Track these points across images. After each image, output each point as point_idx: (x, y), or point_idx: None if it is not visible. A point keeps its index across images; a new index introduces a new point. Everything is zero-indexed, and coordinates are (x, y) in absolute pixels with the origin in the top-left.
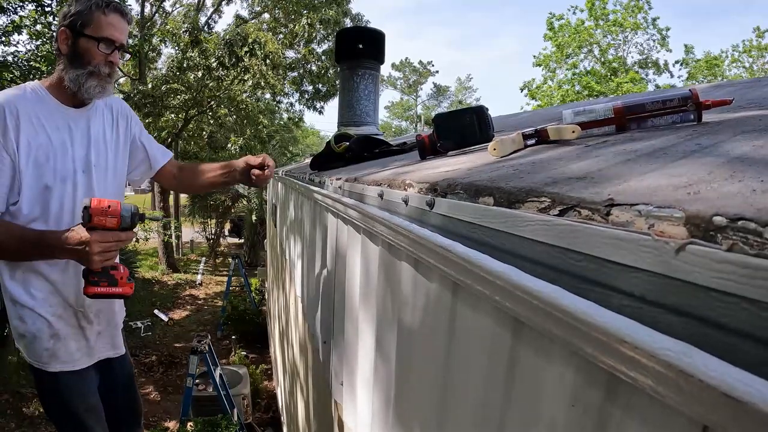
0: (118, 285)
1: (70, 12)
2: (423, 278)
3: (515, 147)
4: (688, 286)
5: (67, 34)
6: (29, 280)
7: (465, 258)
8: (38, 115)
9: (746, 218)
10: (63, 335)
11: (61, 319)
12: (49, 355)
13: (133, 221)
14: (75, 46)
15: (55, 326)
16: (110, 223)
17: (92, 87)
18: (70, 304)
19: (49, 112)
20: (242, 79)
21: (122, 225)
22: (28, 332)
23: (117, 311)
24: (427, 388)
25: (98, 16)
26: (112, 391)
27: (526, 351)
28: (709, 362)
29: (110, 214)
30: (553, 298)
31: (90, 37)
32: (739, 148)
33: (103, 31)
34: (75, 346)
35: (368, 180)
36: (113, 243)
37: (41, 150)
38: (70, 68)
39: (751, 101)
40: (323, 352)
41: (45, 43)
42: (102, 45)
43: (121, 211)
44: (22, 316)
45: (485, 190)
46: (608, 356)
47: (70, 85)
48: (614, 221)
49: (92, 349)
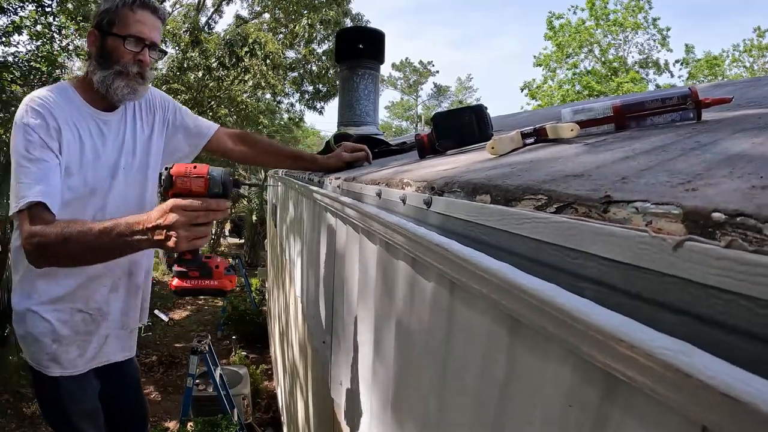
0: (212, 276)
1: (98, 11)
2: (420, 277)
3: (514, 146)
4: (686, 284)
5: (96, 35)
6: (38, 283)
7: (460, 256)
8: (73, 120)
9: (746, 214)
10: (66, 341)
11: (66, 325)
12: (50, 359)
13: (226, 187)
14: (103, 46)
15: (59, 331)
16: (197, 187)
17: (120, 88)
18: (80, 309)
19: (82, 117)
20: (242, 79)
21: (211, 189)
22: (30, 335)
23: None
24: (426, 387)
25: (126, 12)
26: (118, 397)
27: (523, 349)
28: (707, 361)
29: (196, 175)
30: (549, 296)
31: (117, 35)
32: (738, 145)
33: (131, 28)
34: (77, 352)
35: (367, 179)
36: (201, 211)
37: (74, 158)
38: (98, 69)
39: (751, 100)
40: (322, 351)
41: (45, 44)
42: (129, 42)
43: (209, 171)
44: (25, 319)
45: (482, 188)
46: (605, 355)
47: (98, 86)
48: (611, 218)
49: (98, 354)
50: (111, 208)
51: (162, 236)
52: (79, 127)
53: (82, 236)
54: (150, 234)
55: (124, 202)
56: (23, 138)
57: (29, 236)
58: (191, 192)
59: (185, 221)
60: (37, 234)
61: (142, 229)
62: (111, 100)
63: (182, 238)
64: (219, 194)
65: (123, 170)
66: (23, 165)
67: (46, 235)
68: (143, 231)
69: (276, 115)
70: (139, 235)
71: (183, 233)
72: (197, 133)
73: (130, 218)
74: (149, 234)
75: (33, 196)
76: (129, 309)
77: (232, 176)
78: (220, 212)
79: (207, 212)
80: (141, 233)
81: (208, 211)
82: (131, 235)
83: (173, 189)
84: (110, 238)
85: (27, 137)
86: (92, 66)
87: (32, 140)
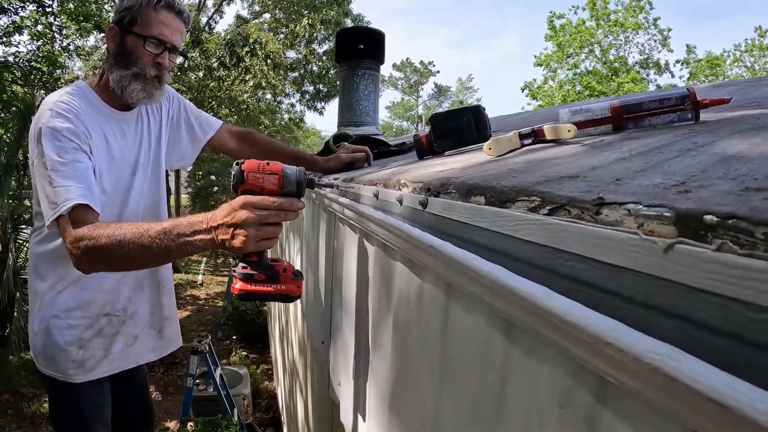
0: (279, 280)
1: (121, 7)
2: (417, 278)
3: (511, 146)
4: (677, 287)
5: (115, 31)
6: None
7: (455, 258)
8: (98, 123)
9: (738, 216)
10: (92, 345)
11: (91, 329)
12: (77, 366)
13: (300, 186)
14: (122, 44)
15: (84, 336)
16: (269, 184)
17: (136, 91)
18: (106, 312)
19: (104, 119)
20: (243, 79)
21: (284, 188)
22: (55, 344)
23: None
24: (423, 387)
25: (149, 12)
26: (126, 399)
27: (517, 352)
28: (695, 366)
29: (269, 171)
30: (540, 299)
31: (137, 34)
32: (734, 146)
33: (152, 28)
34: (102, 354)
35: (364, 180)
36: (274, 210)
37: (102, 161)
38: (116, 68)
39: (751, 100)
40: (321, 352)
41: (46, 44)
42: (149, 44)
43: (283, 169)
44: (50, 329)
45: (477, 189)
46: (595, 358)
47: (114, 86)
48: (603, 220)
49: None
50: (132, 205)
51: (228, 235)
52: (104, 130)
53: (139, 238)
54: (214, 233)
55: (142, 197)
56: (52, 142)
57: (76, 240)
58: (263, 189)
59: (256, 219)
60: (85, 237)
61: (206, 227)
62: (125, 101)
63: (251, 237)
64: (292, 193)
65: (141, 166)
66: (57, 169)
67: (96, 237)
68: (207, 230)
69: (276, 115)
70: (203, 234)
71: (252, 232)
72: (201, 128)
73: (192, 217)
74: (213, 233)
75: (76, 198)
76: (154, 307)
77: (307, 176)
78: (292, 213)
79: (279, 212)
80: (204, 232)
81: (280, 210)
82: (193, 235)
83: (244, 185)
84: (170, 238)
85: (56, 141)
86: (109, 63)
87: (63, 144)
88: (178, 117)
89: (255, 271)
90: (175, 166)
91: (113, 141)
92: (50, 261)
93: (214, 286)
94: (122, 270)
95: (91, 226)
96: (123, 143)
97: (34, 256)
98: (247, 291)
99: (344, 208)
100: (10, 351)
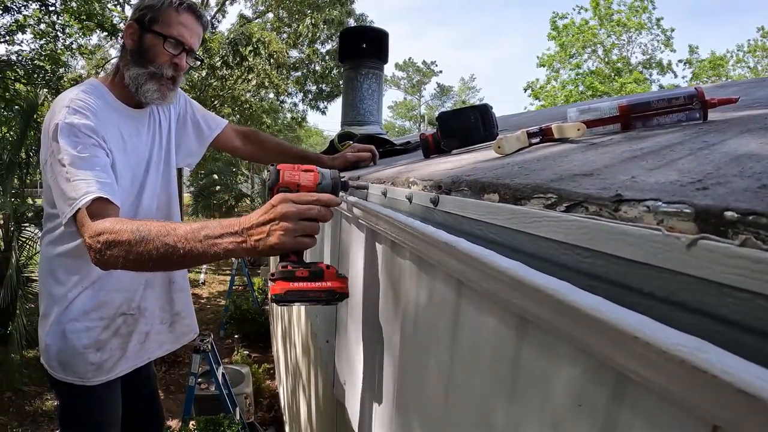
0: (324, 278)
1: (141, 5)
2: (426, 276)
3: (520, 145)
4: (700, 283)
5: (134, 28)
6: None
7: (470, 254)
8: (113, 121)
9: (758, 213)
10: (108, 346)
11: (107, 330)
12: (95, 369)
13: (335, 186)
14: (140, 42)
15: (101, 338)
16: (306, 180)
17: (151, 91)
18: (122, 312)
19: (120, 117)
20: (246, 78)
21: (322, 184)
22: (72, 348)
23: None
24: (431, 387)
25: (170, 12)
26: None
27: (531, 350)
28: (724, 358)
29: (305, 169)
30: (562, 294)
31: (158, 33)
32: (747, 145)
33: (173, 29)
34: (119, 354)
35: (371, 178)
36: (313, 204)
37: (119, 158)
38: (132, 65)
39: (756, 100)
40: (326, 351)
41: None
42: (169, 44)
43: (318, 168)
44: (65, 333)
45: (490, 186)
46: (618, 353)
47: (129, 83)
48: (622, 217)
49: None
50: (145, 203)
51: (264, 233)
52: (120, 127)
53: (165, 236)
54: (246, 234)
55: (155, 195)
56: (70, 138)
57: (96, 234)
58: (299, 187)
59: (296, 212)
60: (106, 230)
61: (236, 230)
62: (139, 99)
63: (289, 231)
64: (329, 190)
65: (154, 164)
66: (76, 163)
67: (118, 231)
68: (238, 232)
69: (279, 114)
70: (232, 237)
71: (291, 226)
72: (207, 126)
73: (223, 220)
74: (245, 234)
75: (96, 191)
76: (165, 303)
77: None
78: (330, 210)
79: (319, 206)
80: (234, 234)
81: (319, 204)
82: (221, 237)
83: (280, 183)
84: (197, 239)
85: (74, 137)
86: (125, 60)
87: (81, 139)
88: (185, 115)
89: (295, 266)
90: (182, 164)
91: (128, 138)
92: (67, 263)
93: (216, 285)
94: (142, 270)
95: (113, 219)
96: (137, 141)
97: (48, 259)
98: (289, 289)
99: (351, 206)
100: (12, 349)
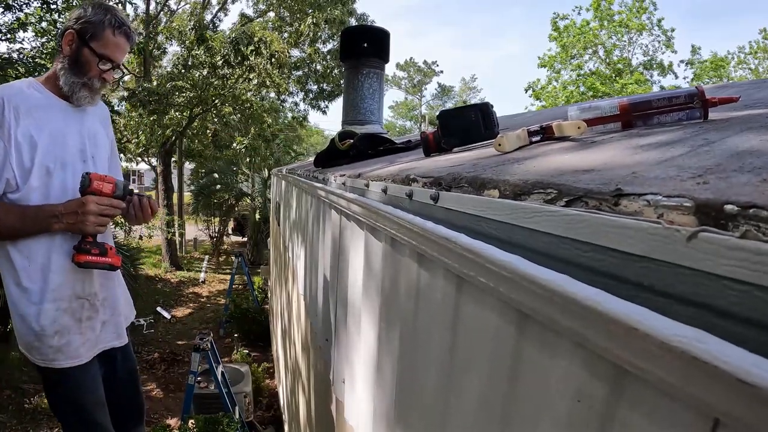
0: (107, 255)
1: (83, 17)
2: (426, 273)
3: (520, 143)
4: (699, 275)
5: (74, 38)
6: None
7: (470, 249)
8: (37, 108)
9: (758, 206)
10: (67, 330)
11: (66, 313)
12: (55, 351)
13: (126, 191)
14: (78, 54)
15: (60, 321)
16: (107, 189)
17: (83, 97)
18: (78, 296)
19: (49, 105)
20: (247, 77)
21: (117, 192)
22: (32, 330)
23: (120, 298)
24: (431, 384)
25: (108, 34)
26: (114, 386)
27: (530, 345)
28: (724, 348)
29: (107, 181)
30: (561, 287)
31: (94, 51)
32: (747, 142)
33: (108, 49)
34: (80, 340)
35: (372, 176)
36: (109, 207)
37: (42, 139)
38: (68, 72)
39: (757, 101)
40: (325, 350)
41: (50, 41)
42: (103, 63)
43: (116, 180)
44: (25, 315)
45: (490, 182)
46: (617, 345)
47: (64, 87)
48: (622, 211)
49: (97, 340)
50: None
51: (74, 220)
52: (44, 115)
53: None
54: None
55: None
56: None
57: None
58: (101, 193)
59: (97, 210)
60: None
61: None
62: (72, 102)
63: (92, 223)
64: (120, 197)
65: (92, 158)
66: None
67: None
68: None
69: (280, 113)
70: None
71: (93, 219)
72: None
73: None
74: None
75: None
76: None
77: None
78: (120, 209)
79: (112, 207)
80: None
81: (112, 207)
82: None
83: (89, 188)
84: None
85: None
86: (62, 65)
87: None
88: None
89: (91, 246)
90: None
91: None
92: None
93: (216, 283)
94: None
95: None
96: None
97: None
98: (86, 261)
99: (351, 204)
100: (12, 347)
